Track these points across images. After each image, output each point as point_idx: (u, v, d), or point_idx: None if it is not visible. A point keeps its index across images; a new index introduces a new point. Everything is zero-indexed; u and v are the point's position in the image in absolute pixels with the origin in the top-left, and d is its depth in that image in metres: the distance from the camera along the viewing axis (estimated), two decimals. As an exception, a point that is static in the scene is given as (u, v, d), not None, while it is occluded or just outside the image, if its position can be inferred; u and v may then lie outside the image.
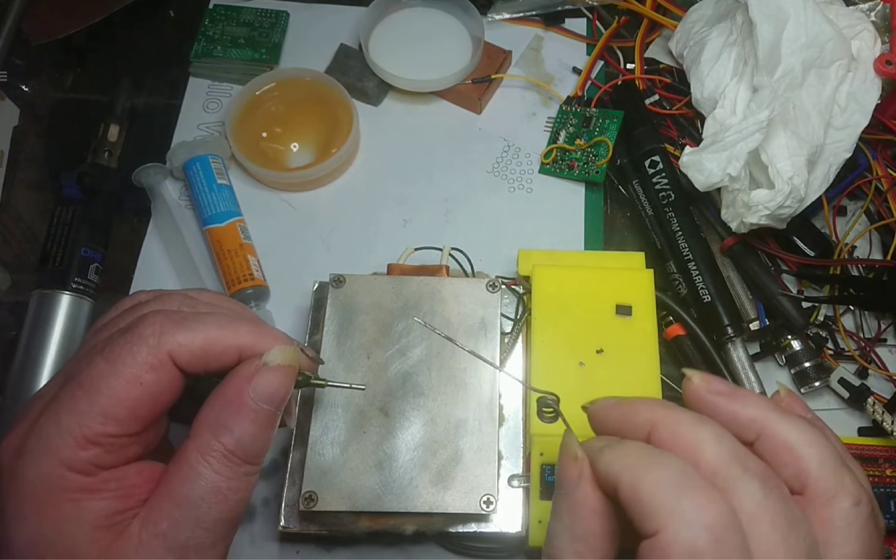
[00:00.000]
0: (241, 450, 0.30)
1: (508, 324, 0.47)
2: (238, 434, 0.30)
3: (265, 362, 0.32)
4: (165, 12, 0.66)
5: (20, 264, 0.54)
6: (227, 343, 0.32)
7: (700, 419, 0.26)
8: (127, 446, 0.30)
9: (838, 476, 0.26)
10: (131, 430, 0.30)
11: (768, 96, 0.47)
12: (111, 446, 0.29)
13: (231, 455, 0.30)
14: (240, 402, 0.31)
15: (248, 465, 0.31)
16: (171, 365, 0.30)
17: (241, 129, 0.57)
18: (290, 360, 0.33)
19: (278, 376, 0.32)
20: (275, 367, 0.32)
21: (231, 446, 0.30)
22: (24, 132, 0.59)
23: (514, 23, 0.64)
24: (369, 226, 0.55)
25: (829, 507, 0.25)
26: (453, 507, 0.39)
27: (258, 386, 0.31)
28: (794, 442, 0.26)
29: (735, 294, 0.50)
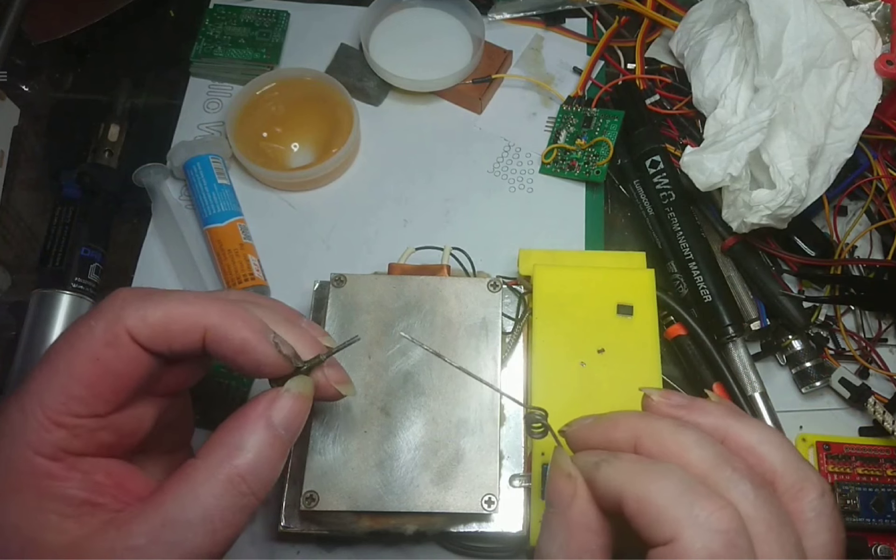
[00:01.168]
0: (254, 475, 0.29)
1: (509, 323, 0.47)
2: (255, 457, 0.29)
3: (287, 389, 0.31)
4: (165, 12, 0.66)
5: (20, 264, 0.54)
6: (190, 321, 0.30)
7: (680, 426, 0.27)
8: (95, 431, 0.29)
9: (802, 470, 0.27)
10: (95, 410, 0.28)
11: (769, 96, 0.47)
12: (77, 429, 0.28)
13: (241, 479, 0.29)
14: (263, 424, 0.30)
15: (253, 495, 0.29)
16: (130, 341, 0.29)
17: (241, 129, 0.57)
18: (308, 390, 0.32)
19: (298, 403, 0.31)
20: (296, 396, 0.31)
21: (245, 469, 0.29)
22: (24, 132, 0.59)
23: (515, 23, 0.64)
24: (369, 226, 0.55)
25: (798, 500, 0.26)
26: (454, 507, 0.39)
27: (280, 410, 0.30)
28: (755, 443, 0.27)
29: (736, 294, 0.50)
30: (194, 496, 0.28)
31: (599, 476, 0.26)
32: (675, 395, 0.30)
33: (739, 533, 0.23)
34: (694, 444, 0.26)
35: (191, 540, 0.27)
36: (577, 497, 0.27)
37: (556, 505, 0.28)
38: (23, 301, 0.51)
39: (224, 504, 0.28)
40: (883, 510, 0.44)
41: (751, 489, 0.25)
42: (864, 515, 0.44)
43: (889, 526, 0.44)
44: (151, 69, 0.62)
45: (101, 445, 0.29)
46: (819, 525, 0.26)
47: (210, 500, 0.28)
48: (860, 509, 0.44)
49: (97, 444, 0.29)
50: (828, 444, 0.46)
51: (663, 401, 0.29)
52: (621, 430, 0.28)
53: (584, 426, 0.30)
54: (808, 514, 0.26)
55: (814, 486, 0.26)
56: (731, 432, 0.28)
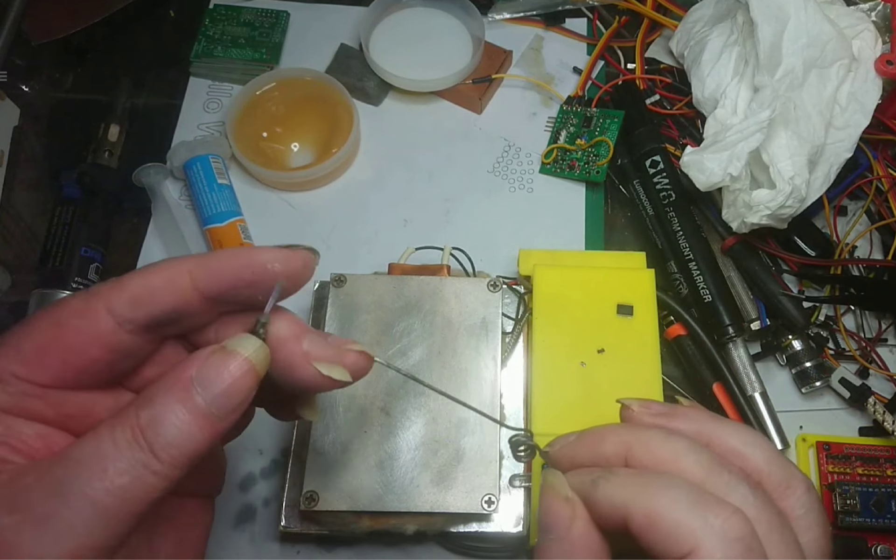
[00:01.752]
0: (153, 431, 0.25)
1: (509, 323, 0.47)
2: (157, 413, 0.25)
3: (224, 346, 0.26)
4: (165, 12, 0.66)
5: (20, 264, 0.54)
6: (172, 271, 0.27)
7: (668, 433, 0.27)
8: (27, 395, 0.26)
9: (787, 468, 0.27)
10: (35, 375, 0.26)
11: (769, 96, 0.47)
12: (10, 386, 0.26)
13: (140, 432, 0.25)
14: (177, 379, 0.25)
15: (154, 457, 0.24)
16: (105, 315, 0.26)
17: (241, 129, 0.57)
18: (257, 357, 0.26)
19: (232, 366, 0.26)
20: (234, 355, 0.26)
21: (145, 420, 0.25)
22: (24, 132, 0.59)
23: (515, 23, 0.64)
24: (369, 226, 0.55)
25: (786, 498, 0.26)
26: (454, 507, 0.39)
27: (205, 368, 0.25)
28: (740, 444, 0.27)
29: (736, 294, 0.50)
30: (94, 437, 0.25)
31: (599, 494, 0.25)
32: (653, 404, 0.29)
33: (753, 537, 0.23)
34: (686, 450, 0.26)
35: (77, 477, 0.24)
36: (576, 519, 0.26)
37: (553, 531, 0.26)
38: (23, 301, 0.51)
39: (119, 451, 0.24)
40: (883, 510, 0.44)
41: (749, 491, 0.24)
42: (864, 515, 0.44)
43: (889, 526, 0.44)
44: (151, 69, 0.63)
45: (33, 413, 0.27)
46: (809, 521, 0.26)
47: (107, 443, 0.25)
48: (860, 509, 0.44)
49: (28, 410, 0.26)
50: (828, 444, 0.46)
51: (644, 410, 0.29)
52: (609, 444, 0.27)
53: (568, 444, 0.28)
54: (798, 510, 0.26)
55: (800, 483, 0.26)
56: (715, 436, 0.27)
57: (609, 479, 0.25)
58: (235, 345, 0.26)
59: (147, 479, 0.24)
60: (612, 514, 0.25)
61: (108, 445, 0.24)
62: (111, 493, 0.24)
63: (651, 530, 0.24)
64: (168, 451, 0.25)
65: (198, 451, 0.25)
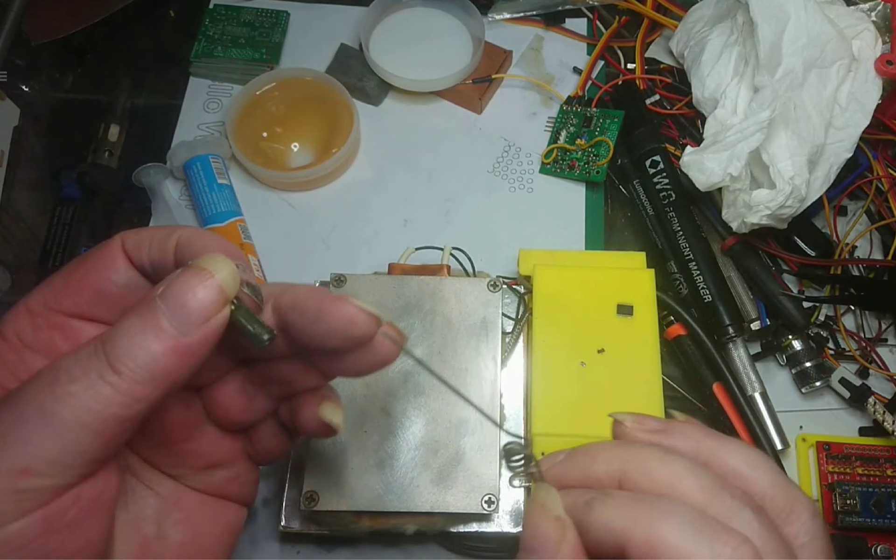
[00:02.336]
0: (111, 342, 0.24)
1: (509, 323, 0.47)
2: (120, 323, 0.25)
3: (190, 264, 0.26)
4: (165, 12, 0.66)
5: (20, 264, 0.54)
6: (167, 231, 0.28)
7: (665, 452, 0.25)
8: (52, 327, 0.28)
9: (791, 491, 0.25)
10: (62, 302, 0.28)
11: (769, 96, 0.47)
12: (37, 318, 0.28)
13: (101, 343, 0.24)
14: (144, 298, 0.25)
15: (109, 366, 0.24)
16: (118, 245, 0.28)
17: (241, 129, 0.57)
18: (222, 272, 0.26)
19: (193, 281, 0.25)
20: (196, 270, 0.26)
21: (107, 335, 0.25)
22: (24, 132, 0.59)
23: (515, 23, 0.64)
24: (369, 226, 0.55)
25: (790, 524, 0.24)
26: (455, 507, 0.39)
27: (169, 284, 0.25)
28: (741, 465, 0.25)
29: (736, 294, 0.50)
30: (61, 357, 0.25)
31: (594, 517, 0.23)
32: (647, 420, 0.27)
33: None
34: (686, 471, 0.24)
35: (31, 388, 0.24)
36: (565, 543, 0.23)
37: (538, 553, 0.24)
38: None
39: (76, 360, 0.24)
40: (883, 510, 0.44)
41: (754, 517, 0.23)
42: (864, 515, 0.44)
43: (889, 526, 0.44)
44: (151, 69, 0.63)
45: (51, 347, 0.28)
46: (814, 549, 0.24)
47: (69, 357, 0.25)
48: (860, 509, 0.44)
49: (47, 343, 0.28)
50: (828, 444, 0.46)
51: (637, 426, 0.26)
52: (602, 464, 0.25)
53: (556, 464, 0.26)
54: (803, 537, 0.24)
55: (804, 508, 0.25)
56: (715, 455, 0.25)
57: (605, 502, 0.24)
58: (202, 262, 0.26)
59: (102, 389, 0.24)
60: (607, 540, 0.23)
61: (69, 359, 0.24)
62: (60, 400, 0.23)
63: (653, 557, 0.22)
64: (125, 362, 0.24)
65: (161, 367, 0.25)
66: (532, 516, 0.24)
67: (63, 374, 0.24)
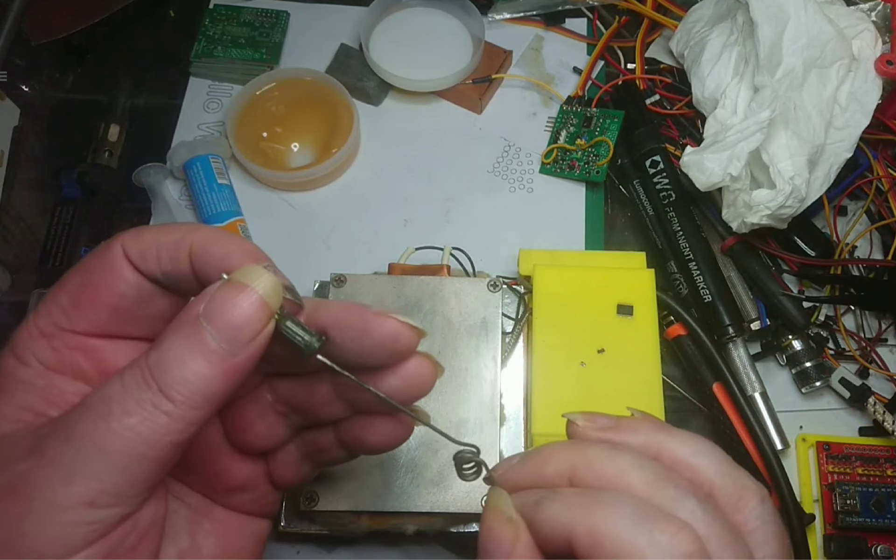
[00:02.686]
0: (159, 369, 0.24)
1: (509, 323, 0.47)
2: (164, 348, 0.24)
3: (232, 278, 0.25)
4: (165, 12, 0.66)
5: (20, 264, 0.54)
6: (177, 235, 0.27)
7: (613, 448, 0.25)
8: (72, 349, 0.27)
9: (739, 478, 0.25)
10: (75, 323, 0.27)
11: (769, 96, 0.47)
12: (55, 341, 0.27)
13: (147, 372, 0.24)
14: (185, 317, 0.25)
15: (162, 395, 0.24)
16: (121, 254, 0.27)
17: (241, 129, 0.57)
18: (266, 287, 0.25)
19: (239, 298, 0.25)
20: (240, 287, 0.25)
21: (152, 361, 0.24)
22: (24, 132, 0.59)
23: (515, 23, 0.64)
24: (369, 226, 0.55)
25: (739, 511, 0.25)
26: (454, 507, 0.39)
27: (212, 301, 0.25)
28: (689, 455, 0.25)
29: (736, 294, 0.50)
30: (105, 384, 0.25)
31: (542, 515, 0.24)
32: (599, 417, 0.27)
33: (702, 554, 0.22)
34: (631, 465, 0.24)
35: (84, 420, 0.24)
36: (518, 543, 0.24)
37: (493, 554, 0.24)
38: (23, 301, 0.51)
39: (126, 391, 0.24)
40: (883, 510, 0.44)
41: (697, 505, 0.23)
42: (864, 515, 0.44)
43: (889, 526, 0.44)
44: (151, 69, 0.63)
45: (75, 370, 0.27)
46: (765, 533, 0.24)
47: (116, 385, 0.24)
48: (860, 509, 0.44)
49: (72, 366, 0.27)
50: (828, 444, 0.46)
51: (589, 424, 0.27)
52: (552, 465, 0.25)
53: (510, 468, 0.27)
54: (752, 523, 0.24)
55: (753, 494, 0.25)
56: (664, 447, 0.26)
57: (553, 499, 0.24)
58: (241, 276, 0.25)
59: (158, 419, 0.24)
60: (555, 536, 0.23)
61: (116, 388, 0.24)
62: (118, 435, 0.23)
63: (595, 549, 0.22)
64: (178, 389, 0.24)
65: (213, 389, 0.24)
66: (486, 520, 0.25)
67: (116, 407, 0.24)
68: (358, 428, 0.31)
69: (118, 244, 0.27)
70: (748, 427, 0.45)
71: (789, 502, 0.43)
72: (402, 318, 0.27)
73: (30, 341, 0.27)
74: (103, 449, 0.23)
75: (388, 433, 0.31)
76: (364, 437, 0.31)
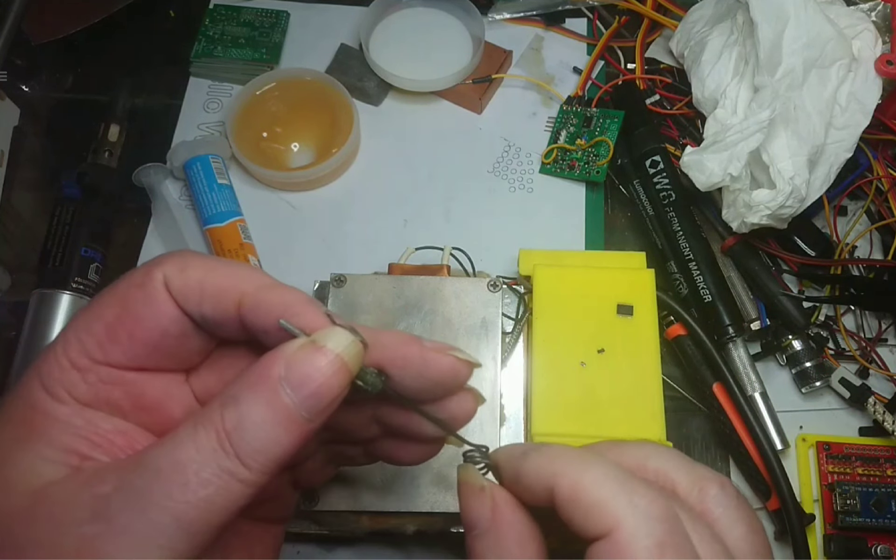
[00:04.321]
0: (239, 435, 0.23)
1: (509, 323, 0.47)
2: (243, 413, 0.23)
3: (313, 340, 0.24)
4: (165, 12, 0.66)
5: (20, 264, 0.54)
6: (226, 282, 0.26)
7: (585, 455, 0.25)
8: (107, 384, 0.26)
9: (695, 470, 0.25)
10: (111, 357, 0.25)
11: (769, 96, 0.47)
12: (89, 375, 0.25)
13: (225, 436, 0.23)
14: (262, 376, 0.23)
15: (241, 465, 0.23)
16: (163, 288, 0.26)
17: (241, 129, 0.57)
18: (349, 352, 0.24)
19: (322, 364, 0.23)
20: (324, 352, 0.24)
21: (230, 424, 0.23)
22: (24, 132, 0.59)
23: (515, 23, 0.64)
24: (370, 226, 0.55)
25: (701, 501, 0.25)
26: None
27: (293, 365, 0.23)
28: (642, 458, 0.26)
29: (736, 294, 0.50)
30: (174, 442, 0.23)
31: (527, 465, 0.24)
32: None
33: (678, 521, 0.22)
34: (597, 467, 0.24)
35: (158, 489, 0.22)
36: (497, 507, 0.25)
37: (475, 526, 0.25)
38: (23, 301, 0.51)
39: (202, 457, 0.23)
40: (883, 510, 0.44)
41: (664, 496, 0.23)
42: (864, 515, 0.44)
43: (889, 526, 0.44)
44: (151, 69, 0.63)
45: (111, 405, 0.26)
46: (730, 517, 0.24)
47: (189, 448, 0.23)
48: (860, 509, 0.44)
49: (107, 401, 0.26)
50: (828, 444, 0.46)
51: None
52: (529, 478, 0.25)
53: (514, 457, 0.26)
54: (716, 510, 0.25)
55: (711, 483, 0.25)
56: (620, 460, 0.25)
57: (539, 451, 0.25)
58: (325, 339, 0.24)
59: (233, 487, 0.23)
60: (537, 486, 0.24)
61: (190, 451, 0.23)
62: (194, 506, 0.22)
63: (573, 503, 0.23)
64: (256, 458, 0.23)
65: (288, 455, 0.24)
66: (460, 496, 0.26)
67: (193, 477, 0.22)
68: (389, 447, 0.30)
69: (160, 274, 0.26)
70: (748, 427, 0.45)
71: (789, 502, 0.43)
72: (460, 354, 0.27)
73: (61, 374, 0.25)
74: (178, 520, 0.22)
75: (421, 453, 0.30)
76: (396, 455, 0.30)
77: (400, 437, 0.30)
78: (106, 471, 0.24)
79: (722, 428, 0.46)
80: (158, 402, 0.27)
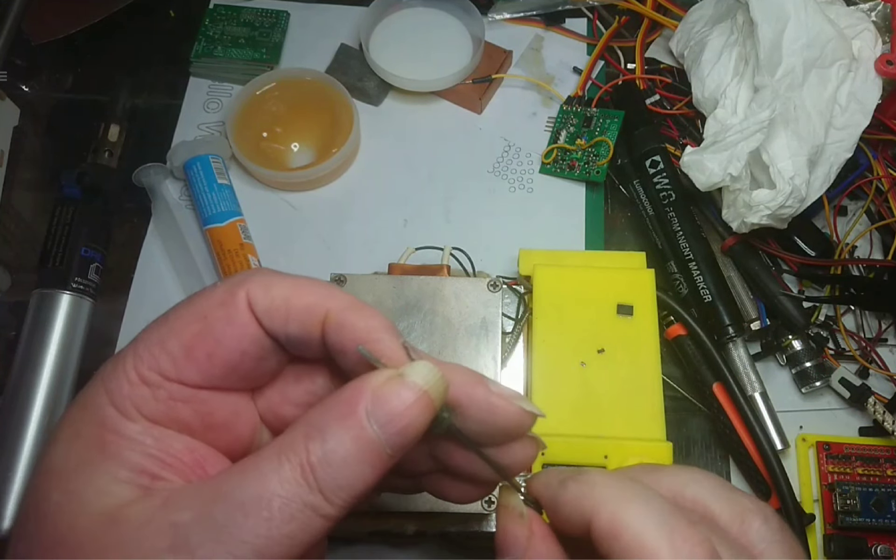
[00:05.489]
0: (325, 471, 0.22)
1: (510, 323, 0.47)
2: (329, 447, 0.22)
3: (402, 374, 0.24)
4: (165, 12, 0.66)
5: (20, 264, 0.54)
6: (312, 299, 0.25)
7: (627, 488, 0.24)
8: (178, 402, 0.25)
9: (737, 501, 0.25)
10: (185, 376, 0.25)
11: (769, 96, 0.47)
12: (160, 392, 0.25)
13: (310, 470, 0.22)
14: (349, 410, 0.23)
15: (323, 499, 0.22)
16: (246, 307, 0.25)
17: (241, 129, 0.57)
18: (435, 389, 0.24)
19: (410, 400, 0.23)
20: (411, 386, 0.23)
21: (315, 458, 0.22)
22: (24, 132, 0.59)
23: (515, 23, 0.64)
24: (370, 226, 0.55)
25: (745, 534, 0.24)
26: (454, 507, 0.39)
27: (381, 400, 0.23)
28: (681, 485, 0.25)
29: (736, 294, 0.50)
30: (257, 473, 0.23)
31: (566, 494, 0.23)
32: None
33: None
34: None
35: (240, 523, 0.22)
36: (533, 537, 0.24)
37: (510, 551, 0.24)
38: (23, 301, 0.51)
39: (285, 492, 0.22)
40: (883, 510, 0.44)
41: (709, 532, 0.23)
42: (864, 515, 0.44)
43: (889, 526, 0.44)
44: (151, 69, 0.63)
45: (180, 423, 0.25)
46: (773, 552, 0.24)
47: (272, 482, 0.22)
48: (860, 509, 0.44)
49: (177, 419, 0.25)
50: (828, 444, 0.46)
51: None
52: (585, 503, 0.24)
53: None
54: (759, 545, 0.24)
55: (755, 515, 0.24)
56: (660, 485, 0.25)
57: (578, 480, 0.24)
58: (412, 373, 0.24)
59: (314, 523, 0.22)
60: (575, 516, 0.23)
61: (273, 485, 0.22)
62: (277, 542, 0.22)
63: (612, 537, 0.22)
64: (339, 494, 0.22)
65: (367, 491, 0.23)
66: (499, 519, 0.25)
67: (277, 514, 0.22)
68: (441, 483, 0.29)
69: (243, 293, 0.25)
70: (748, 427, 0.45)
71: (789, 502, 0.43)
72: (526, 405, 0.26)
73: (130, 390, 0.24)
74: (259, 554, 0.22)
75: (472, 494, 0.29)
76: (446, 492, 0.30)
77: (453, 475, 0.29)
78: (182, 497, 0.23)
79: (722, 428, 0.46)
80: (227, 421, 0.26)
